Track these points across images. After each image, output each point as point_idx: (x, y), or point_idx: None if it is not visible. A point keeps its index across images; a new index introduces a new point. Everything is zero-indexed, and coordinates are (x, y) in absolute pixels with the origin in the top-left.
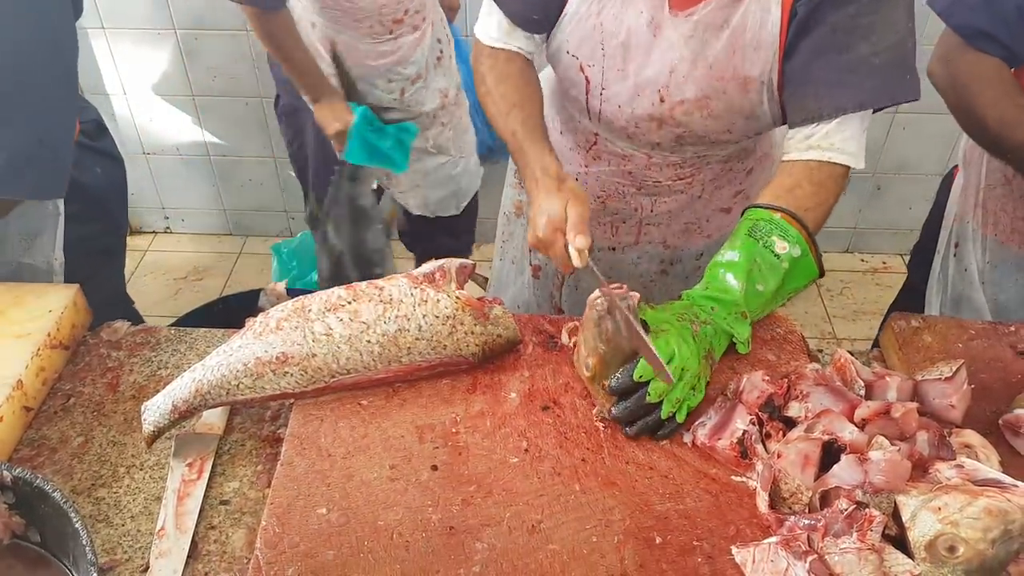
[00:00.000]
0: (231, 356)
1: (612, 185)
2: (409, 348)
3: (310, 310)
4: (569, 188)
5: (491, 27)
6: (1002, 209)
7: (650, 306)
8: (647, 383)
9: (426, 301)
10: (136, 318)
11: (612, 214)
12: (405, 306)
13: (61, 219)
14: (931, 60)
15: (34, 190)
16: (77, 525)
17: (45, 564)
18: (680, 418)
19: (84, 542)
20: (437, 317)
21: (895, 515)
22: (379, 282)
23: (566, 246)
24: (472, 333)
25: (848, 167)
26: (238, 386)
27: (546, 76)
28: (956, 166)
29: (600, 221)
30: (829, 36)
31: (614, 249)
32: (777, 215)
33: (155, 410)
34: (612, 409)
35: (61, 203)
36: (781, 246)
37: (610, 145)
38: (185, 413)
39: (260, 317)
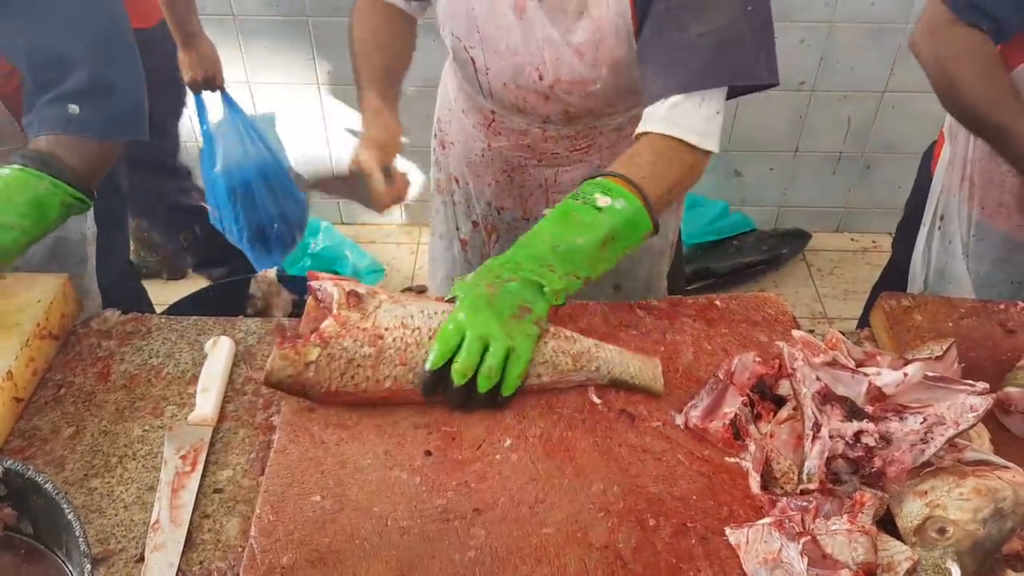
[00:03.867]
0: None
1: (515, 159)
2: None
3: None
4: (370, 117)
5: None
6: (989, 182)
7: (463, 278)
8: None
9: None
10: (143, 292)
11: (519, 186)
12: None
13: None
14: (914, 33)
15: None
16: (70, 516)
17: (38, 556)
18: (509, 388)
19: (77, 533)
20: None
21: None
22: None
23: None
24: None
25: (693, 145)
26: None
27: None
28: (935, 142)
29: (510, 194)
30: (663, 15)
31: (528, 219)
32: (603, 178)
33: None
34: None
35: None
36: (603, 201)
37: (507, 121)
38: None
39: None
